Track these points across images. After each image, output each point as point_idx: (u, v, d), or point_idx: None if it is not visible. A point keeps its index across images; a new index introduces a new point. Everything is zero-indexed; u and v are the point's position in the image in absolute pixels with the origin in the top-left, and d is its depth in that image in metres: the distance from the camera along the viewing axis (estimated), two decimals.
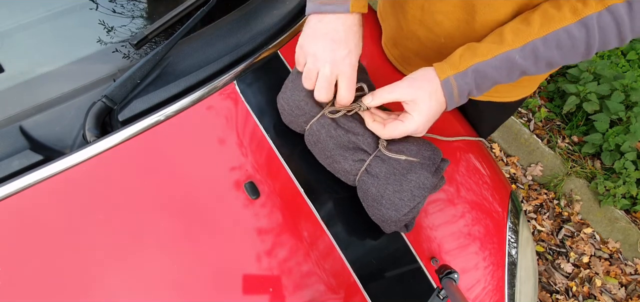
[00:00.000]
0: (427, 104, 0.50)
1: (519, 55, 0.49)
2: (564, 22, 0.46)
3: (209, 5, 0.62)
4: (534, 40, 0.48)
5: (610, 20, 0.45)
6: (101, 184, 0.49)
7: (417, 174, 0.51)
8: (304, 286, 0.51)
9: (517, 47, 0.48)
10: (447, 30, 0.60)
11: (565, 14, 0.46)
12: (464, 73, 0.50)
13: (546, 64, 0.50)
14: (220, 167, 0.54)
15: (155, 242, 0.48)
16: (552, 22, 0.47)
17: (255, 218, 0.53)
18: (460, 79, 0.50)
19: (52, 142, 0.52)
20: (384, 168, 0.52)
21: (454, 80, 0.50)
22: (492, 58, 0.49)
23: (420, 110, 0.50)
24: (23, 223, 0.46)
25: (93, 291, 0.45)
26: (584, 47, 0.47)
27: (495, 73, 0.50)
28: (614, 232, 1.68)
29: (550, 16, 0.47)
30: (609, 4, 0.45)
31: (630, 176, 1.65)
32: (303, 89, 0.53)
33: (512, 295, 0.62)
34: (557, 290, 1.54)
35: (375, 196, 0.52)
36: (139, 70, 0.55)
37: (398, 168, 0.51)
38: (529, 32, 0.48)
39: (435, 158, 0.53)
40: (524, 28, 0.49)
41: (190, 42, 0.63)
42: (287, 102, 0.55)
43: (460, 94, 0.51)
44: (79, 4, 0.63)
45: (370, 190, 0.52)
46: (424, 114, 0.50)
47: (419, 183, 0.50)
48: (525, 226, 0.70)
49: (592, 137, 1.78)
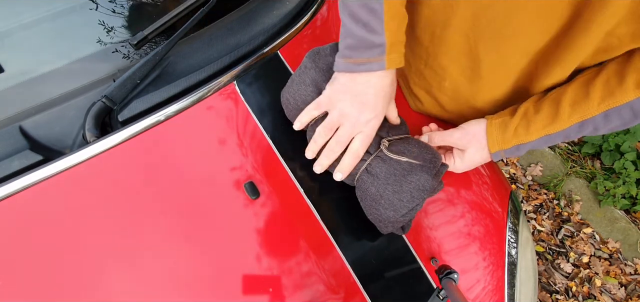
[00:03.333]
0: (473, 158, 0.56)
1: (575, 132, 0.48)
2: (628, 97, 0.43)
3: (209, 5, 0.62)
4: (593, 117, 0.45)
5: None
6: (101, 184, 0.49)
7: (418, 176, 0.50)
8: (304, 286, 0.51)
9: (574, 124, 0.47)
10: (453, 77, 0.57)
11: (629, 87, 0.42)
12: (515, 148, 0.52)
13: (609, 130, 0.47)
14: (220, 167, 0.54)
15: (155, 243, 0.48)
16: (614, 97, 0.44)
17: (255, 218, 0.53)
18: (509, 152, 0.53)
19: (52, 142, 0.52)
20: (384, 168, 0.51)
21: (503, 153, 0.54)
22: (545, 136, 0.50)
23: (464, 159, 0.56)
24: (23, 223, 0.46)
25: (93, 291, 0.45)
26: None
27: (545, 144, 0.51)
28: (613, 232, 1.69)
29: (611, 89, 0.44)
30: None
31: (630, 176, 1.65)
32: (310, 84, 0.53)
33: (512, 295, 0.62)
34: (557, 290, 1.54)
35: (374, 195, 0.52)
36: (139, 70, 0.55)
37: (398, 169, 0.51)
38: (588, 108, 0.45)
39: (435, 161, 0.53)
40: (583, 101, 0.46)
41: (190, 42, 0.63)
42: (293, 96, 0.55)
43: (507, 156, 0.55)
44: (79, 4, 0.63)
45: (370, 189, 0.52)
46: (466, 163, 0.56)
47: (418, 185, 0.50)
48: (525, 226, 0.70)
49: (592, 138, 1.78)
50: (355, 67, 0.46)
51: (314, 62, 0.53)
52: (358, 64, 0.46)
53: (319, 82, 0.53)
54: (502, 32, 0.46)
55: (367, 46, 0.45)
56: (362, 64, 0.46)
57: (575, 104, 0.47)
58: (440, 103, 0.64)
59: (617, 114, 0.44)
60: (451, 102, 0.62)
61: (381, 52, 0.45)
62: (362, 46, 0.45)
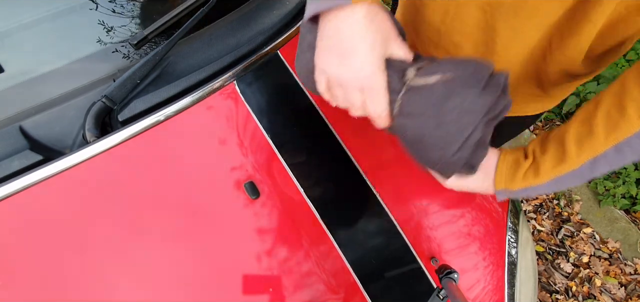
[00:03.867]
0: (471, 185, 0.54)
1: (588, 171, 0.45)
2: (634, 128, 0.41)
3: (209, 5, 0.62)
4: (604, 152, 0.43)
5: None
6: (101, 184, 0.49)
7: (459, 96, 0.39)
8: (304, 286, 0.51)
9: (586, 162, 0.44)
10: (466, 53, 0.57)
11: (632, 118, 0.41)
12: (522, 190, 0.50)
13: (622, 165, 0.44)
14: (220, 167, 0.54)
15: (155, 242, 0.48)
16: (619, 129, 0.42)
17: (255, 218, 0.53)
18: (514, 194, 0.51)
19: (52, 142, 0.52)
20: (417, 102, 0.41)
21: (508, 193, 0.51)
22: (555, 178, 0.47)
23: (461, 179, 0.53)
24: (23, 223, 0.46)
25: (93, 291, 0.45)
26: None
27: (557, 187, 0.48)
28: (613, 232, 1.68)
29: (614, 122, 0.42)
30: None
31: (630, 175, 1.65)
32: (307, 50, 0.44)
33: (511, 295, 0.62)
34: (557, 290, 1.54)
35: (413, 139, 0.43)
36: (139, 70, 0.55)
37: (433, 97, 0.40)
38: (595, 144, 0.43)
39: (480, 71, 0.40)
40: (588, 137, 0.44)
41: (190, 42, 0.63)
42: (300, 67, 0.47)
43: (511, 198, 0.53)
44: (79, 4, 0.63)
45: (407, 135, 0.43)
46: (462, 184, 0.54)
47: (463, 107, 0.39)
48: (525, 226, 0.70)
49: None
50: (320, 5, 0.39)
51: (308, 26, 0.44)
52: (322, 1, 0.39)
53: (315, 44, 0.43)
54: (519, 3, 0.46)
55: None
56: (326, 0, 0.38)
57: (580, 142, 0.45)
58: None
59: (629, 146, 0.42)
60: None
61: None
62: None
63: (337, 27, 0.39)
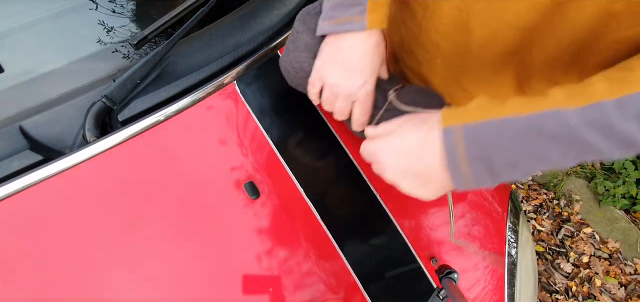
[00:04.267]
0: (407, 142, 0.38)
1: (579, 118, 0.31)
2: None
3: (209, 5, 0.62)
4: (601, 101, 0.31)
5: None
6: (101, 184, 0.49)
7: None
8: (304, 286, 0.51)
9: (573, 107, 0.32)
10: (444, 51, 0.53)
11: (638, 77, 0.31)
12: (480, 125, 0.34)
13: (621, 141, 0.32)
14: (220, 167, 0.54)
15: (155, 242, 0.48)
16: (625, 83, 0.32)
17: (255, 218, 0.53)
18: (471, 135, 0.34)
19: (52, 142, 0.52)
20: None
21: (462, 136, 0.34)
22: (530, 114, 0.33)
23: (394, 145, 0.39)
24: (23, 223, 0.46)
25: (93, 291, 0.45)
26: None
27: (529, 133, 0.33)
28: (613, 232, 1.69)
29: (619, 78, 0.32)
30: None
31: (630, 176, 1.65)
32: (304, 49, 0.52)
33: (512, 295, 0.62)
34: (557, 290, 1.54)
35: None
36: (139, 70, 0.55)
37: None
38: (592, 93, 0.32)
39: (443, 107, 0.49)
40: (583, 87, 0.33)
41: (190, 42, 0.63)
42: (291, 64, 0.53)
43: (471, 161, 0.34)
44: (79, 4, 0.63)
45: None
46: (392, 158, 0.39)
47: None
48: (525, 226, 0.70)
49: None
50: (337, 27, 0.45)
51: (305, 24, 0.52)
52: (340, 24, 0.45)
53: (312, 45, 0.51)
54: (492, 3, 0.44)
55: (349, 4, 0.45)
56: (343, 23, 0.45)
57: (571, 91, 0.33)
58: (429, 84, 0.63)
59: (635, 103, 0.31)
60: (441, 82, 0.61)
61: (362, 11, 0.44)
62: (343, 5, 0.45)
63: (350, 46, 0.45)
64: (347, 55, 0.46)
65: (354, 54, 0.46)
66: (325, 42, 0.48)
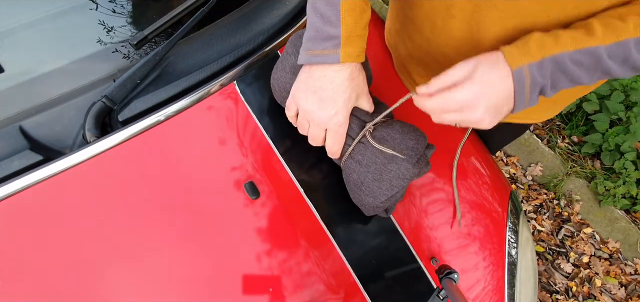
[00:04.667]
0: (491, 83, 0.42)
1: (608, 54, 0.41)
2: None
3: (209, 5, 0.62)
4: (628, 39, 0.40)
5: None
6: (101, 184, 0.49)
7: (398, 165, 0.50)
8: (304, 286, 0.51)
9: (609, 44, 0.41)
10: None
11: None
12: (540, 63, 0.41)
13: (632, 68, 0.42)
14: (220, 167, 0.54)
15: (155, 243, 0.48)
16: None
17: (255, 218, 0.53)
18: (535, 71, 0.41)
19: (52, 142, 0.52)
20: (366, 155, 0.51)
21: (528, 72, 0.41)
22: (577, 50, 0.41)
23: (477, 92, 0.42)
24: (23, 223, 0.46)
25: (93, 291, 0.45)
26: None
27: (577, 70, 0.42)
28: (614, 232, 1.68)
29: None
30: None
31: (630, 175, 1.65)
32: (289, 71, 0.54)
33: (511, 295, 0.62)
34: (557, 290, 1.54)
35: (356, 181, 0.52)
36: (139, 70, 0.55)
37: (379, 158, 0.51)
38: (625, 29, 0.40)
39: (418, 148, 0.51)
40: (618, 23, 0.41)
41: (190, 42, 0.63)
42: (277, 82, 0.56)
43: (532, 90, 0.42)
44: (79, 4, 0.63)
45: (352, 175, 0.53)
46: (484, 100, 0.42)
47: (399, 174, 0.50)
48: (525, 226, 0.70)
49: (592, 137, 1.78)
50: (313, 58, 0.47)
51: (294, 47, 0.54)
52: (315, 56, 0.46)
53: (298, 68, 0.53)
54: (504, 15, 0.46)
55: (324, 38, 0.46)
56: (318, 55, 0.46)
57: (607, 26, 0.41)
58: None
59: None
60: None
61: (336, 45, 0.45)
62: (319, 37, 0.46)
63: (324, 77, 0.47)
64: (320, 84, 0.47)
65: (327, 85, 0.47)
66: (302, 70, 0.50)
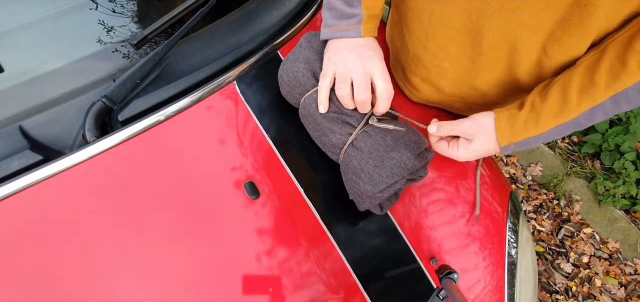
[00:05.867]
0: (478, 149, 0.55)
1: (585, 119, 0.48)
2: (633, 79, 0.44)
3: (209, 5, 0.62)
4: (602, 103, 0.46)
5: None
6: (101, 184, 0.49)
7: (400, 153, 0.51)
8: (304, 286, 0.51)
9: (584, 112, 0.48)
10: (453, 55, 0.57)
11: (632, 70, 0.44)
12: (525, 141, 0.52)
13: (607, 115, 0.48)
14: (220, 167, 0.54)
15: (155, 242, 0.48)
16: (620, 80, 0.45)
17: (255, 218, 0.53)
18: (519, 145, 0.53)
19: (52, 142, 0.52)
20: (369, 142, 0.52)
21: (513, 146, 0.53)
22: (556, 127, 0.50)
23: (469, 148, 0.56)
24: (23, 223, 0.46)
25: (93, 291, 0.45)
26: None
27: (556, 135, 0.51)
28: (613, 232, 1.69)
29: (616, 74, 0.45)
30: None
31: (630, 176, 1.65)
32: (302, 61, 0.55)
33: (511, 295, 0.62)
34: (557, 290, 1.54)
35: (355, 168, 0.52)
36: (139, 70, 0.55)
37: (382, 144, 0.52)
38: (596, 94, 0.46)
39: (420, 143, 0.53)
40: (589, 87, 0.47)
41: (190, 42, 0.63)
42: (286, 72, 0.57)
43: (517, 150, 0.55)
44: (79, 4, 0.63)
45: (352, 162, 0.53)
46: (471, 152, 0.56)
47: (400, 162, 0.51)
48: (525, 226, 0.70)
49: (592, 137, 1.78)
50: (336, 33, 0.54)
51: (309, 43, 0.56)
52: (339, 31, 0.53)
53: (311, 60, 0.55)
54: (504, 3, 0.47)
55: (348, 15, 0.53)
56: (342, 31, 0.53)
57: (582, 92, 0.47)
58: (439, 88, 0.64)
59: (625, 97, 0.45)
60: (452, 85, 0.62)
61: (358, 22, 0.53)
62: (343, 15, 0.54)
63: (353, 40, 0.53)
64: (350, 42, 0.53)
65: (357, 42, 0.53)
66: (328, 44, 0.55)
